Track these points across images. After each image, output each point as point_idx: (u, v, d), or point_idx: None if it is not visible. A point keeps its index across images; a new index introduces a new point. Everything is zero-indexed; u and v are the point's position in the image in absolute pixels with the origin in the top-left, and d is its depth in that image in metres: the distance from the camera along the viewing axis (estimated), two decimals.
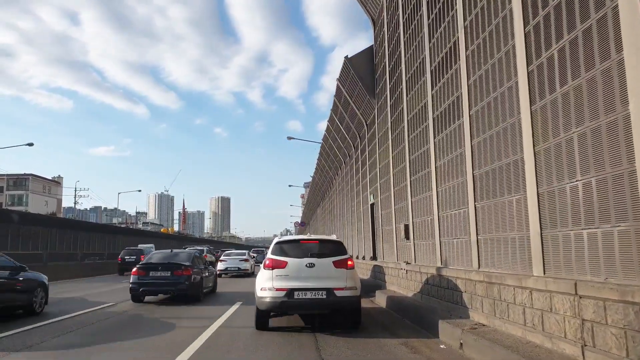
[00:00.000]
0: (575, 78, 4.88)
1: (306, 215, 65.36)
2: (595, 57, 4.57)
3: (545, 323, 5.28)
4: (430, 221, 10.02)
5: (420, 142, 10.82)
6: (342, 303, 7.80)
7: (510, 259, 6.47)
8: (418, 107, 10.93)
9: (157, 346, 6.96)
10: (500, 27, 6.67)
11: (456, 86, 8.41)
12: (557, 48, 5.21)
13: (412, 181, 11.54)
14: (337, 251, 8.26)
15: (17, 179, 76.81)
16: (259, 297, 7.92)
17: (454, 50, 8.46)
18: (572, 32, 4.94)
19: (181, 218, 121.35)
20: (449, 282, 8.38)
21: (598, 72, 4.52)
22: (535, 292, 5.50)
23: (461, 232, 8.25)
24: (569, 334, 4.81)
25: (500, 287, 6.40)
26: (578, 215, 4.89)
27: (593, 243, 4.67)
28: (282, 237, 9.06)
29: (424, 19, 10.29)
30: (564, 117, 5.10)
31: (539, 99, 5.61)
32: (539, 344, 5.33)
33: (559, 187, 5.24)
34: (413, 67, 11.37)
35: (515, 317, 6.00)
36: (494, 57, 6.88)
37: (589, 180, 4.71)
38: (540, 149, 5.60)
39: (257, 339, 7.45)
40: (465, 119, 7.94)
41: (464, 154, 8.04)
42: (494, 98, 6.91)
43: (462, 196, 8.16)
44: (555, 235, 5.32)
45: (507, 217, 6.54)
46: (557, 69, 5.23)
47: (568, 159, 5.05)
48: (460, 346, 6.37)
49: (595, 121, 4.59)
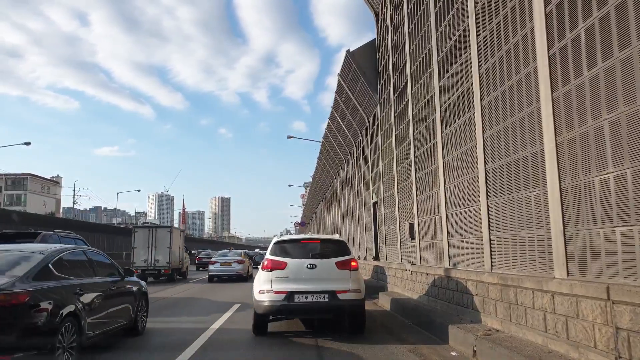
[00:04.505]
0: (607, 59, 4.40)
1: (306, 215, 64.91)
2: (632, 33, 4.08)
3: (571, 330, 4.80)
4: (437, 220, 9.54)
5: (426, 137, 10.34)
6: (346, 307, 7.32)
7: (527, 259, 5.99)
8: (424, 101, 10.45)
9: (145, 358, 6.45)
10: (516, 9, 6.18)
11: (466, 76, 7.93)
12: (585, 27, 4.72)
13: (418, 178, 11.07)
14: (340, 251, 7.78)
15: (16, 179, 76.39)
16: (257, 300, 7.44)
17: (464, 38, 7.98)
18: (602, 8, 4.46)
19: (181, 218, 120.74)
20: (458, 284, 7.90)
21: (636, 50, 4.03)
22: (559, 296, 5.01)
23: (472, 231, 7.77)
24: (600, 343, 4.33)
25: (517, 290, 5.92)
26: (609, 212, 4.41)
27: (628, 242, 4.19)
28: (281, 237, 8.59)
29: (430, 7, 9.81)
30: (593, 104, 4.62)
31: (562, 85, 5.13)
32: (563, 354, 4.85)
33: (585, 181, 4.76)
34: (419, 58, 10.89)
35: (534, 323, 5.52)
36: (509, 43, 6.40)
37: (623, 172, 4.22)
38: (564, 140, 5.11)
39: (255, 345, 6.97)
40: (476, 111, 7.46)
41: (474, 148, 7.56)
42: (508, 87, 6.43)
43: (473, 193, 7.68)
44: (581, 234, 4.84)
45: (524, 214, 6.06)
46: (584, 51, 4.75)
47: (597, 149, 4.57)
48: (473, 354, 5.90)
49: (631, 105, 4.11)
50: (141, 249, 21.86)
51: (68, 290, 5.57)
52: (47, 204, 78.55)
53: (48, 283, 5.31)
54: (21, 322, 4.73)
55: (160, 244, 21.99)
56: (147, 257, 21.69)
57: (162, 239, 22.12)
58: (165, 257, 21.75)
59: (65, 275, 5.74)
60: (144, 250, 21.83)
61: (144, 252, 21.77)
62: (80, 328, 5.54)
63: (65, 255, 6.06)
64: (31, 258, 5.50)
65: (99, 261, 6.99)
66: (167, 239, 22.14)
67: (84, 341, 5.64)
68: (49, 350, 4.89)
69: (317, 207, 48.61)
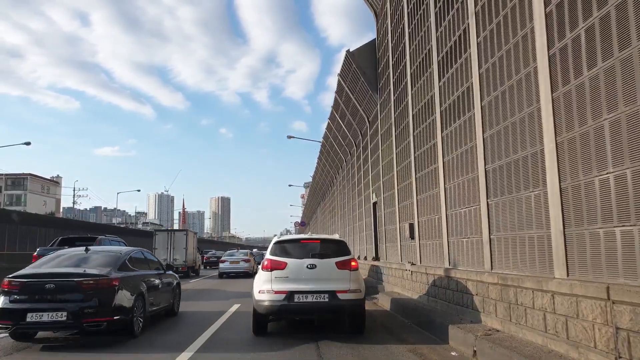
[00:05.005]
0: (607, 59, 4.40)
1: (306, 215, 64.88)
2: (632, 33, 4.08)
3: (571, 330, 4.79)
4: (437, 220, 9.54)
5: (426, 137, 10.34)
6: (346, 307, 7.31)
7: (527, 259, 5.98)
8: (424, 101, 10.45)
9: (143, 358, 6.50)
10: (516, 9, 6.18)
11: (466, 76, 7.93)
12: (585, 27, 4.72)
13: (418, 178, 11.07)
14: (340, 251, 7.78)
15: (16, 179, 76.37)
16: (256, 300, 7.43)
17: (464, 38, 7.98)
18: (602, 8, 4.46)
19: (181, 218, 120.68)
20: (457, 284, 7.90)
21: (636, 50, 4.03)
22: (558, 296, 5.01)
23: (472, 231, 7.77)
24: (600, 343, 4.33)
25: (517, 290, 5.92)
26: (609, 212, 4.41)
27: (628, 242, 4.19)
28: (281, 237, 8.59)
29: (430, 7, 9.81)
30: (593, 103, 4.62)
31: (562, 85, 5.13)
32: (563, 354, 4.84)
33: (585, 181, 4.76)
34: (419, 58, 10.89)
35: (534, 323, 5.51)
36: (509, 43, 6.40)
37: (623, 172, 4.22)
38: (564, 140, 5.11)
39: (255, 345, 6.97)
40: (476, 111, 7.46)
41: (474, 148, 7.56)
42: (508, 87, 6.43)
43: (473, 193, 7.68)
44: (581, 234, 4.84)
45: (524, 214, 6.06)
46: (584, 51, 4.75)
47: (597, 149, 4.57)
48: (473, 354, 5.90)
49: (631, 105, 4.11)
50: (161, 250, 24.78)
51: (137, 278, 8.00)
52: (47, 204, 78.53)
53: (127, 273, 7.73)
54: (115, 297, 7.04)
55: (177, 245, 25.37)
56: (166, 256, 24.25)
57: (179, 241, 25.58)
58: (182, 257, 24.98)
59: (134, 268, 8.15)
60: (163, 250, 24.82)
61: (163, 252, 24.55)
62: (145, 305, 7.99)
63: (132, 254, 8.54)
64: (116, 256, 8.01)
65: (150, 259, 9.43)
66: (184, 240, 25.59)
67: (146, 315, 8.06)
68: (129, 317, 7.26)
69: (317, 207, 48.59)
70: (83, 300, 6.77)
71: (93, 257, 7.85)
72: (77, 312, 6.67)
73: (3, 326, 6.73)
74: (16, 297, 6.81)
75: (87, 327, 6.77)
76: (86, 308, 6.72)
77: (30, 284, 6.92)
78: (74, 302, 6.75)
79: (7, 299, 6.82)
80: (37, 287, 6.85)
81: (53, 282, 6.88)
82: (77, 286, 6.86)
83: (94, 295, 6.84)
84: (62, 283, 6.88)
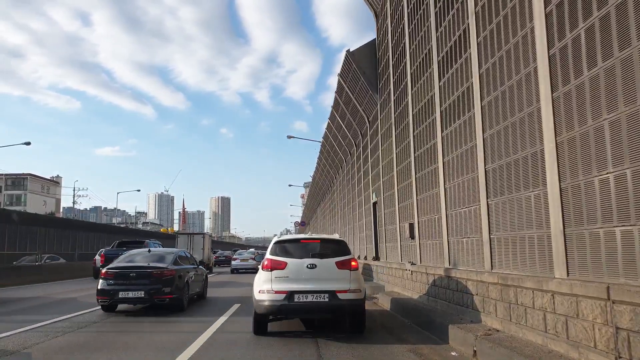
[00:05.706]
0: (607, 59, 4.40)
1: (306, 215, 64.86)
2: (632, 33, 4.08)
3: (571, 330, 4.80)
4: (437, 219, 9.54)
5: (426, 137, 10.34)
6: (346, 306, 7.31)
7: (527, 259, 5.98)
8: (424, 101, 10.45)
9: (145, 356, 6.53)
10: (516, 9, 6.18)
11: (466, 76, 7.93)
12: (585, 27, 4.72)
13: (418, 178, 11.07)
14: (340, 251, 7.78)
15: (16, 179, 76.36)
16: (257, 300, 7.43)
17: (464, 38, 7.98)
18: (602, 8, 4.46)
19: (181, 218, 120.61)
20: (458, 284, 7.90)
21: (636, 50, 4.03)
22: (559, 295, 5.02)
23: (472, 231, 7.77)
24: (600, 343, 4.33)
25: (517, 289, 5.92)
26: (609, 211, 4.41)
27: (628, 242, 4.19)
28: (281, 237, 8.59)
29: (430, 7, 9.81)
30: (593, 104, 4.62)
31: (562, 85, 5.13)
32: (563, 354, 4.85)
33: (585, 181, 4.76)
34: (419, 58, 10.89)
35: (534, 323, 5.52)
36: (509, 43, 6.40)
37: (623, 172, 4.22)
38: (564, 140, 5.11)
39: (255, 345, 6.97)
40: (476, 111, 7.46)
41: (474, 148, 7.56)
42: (508, 87, 6.43)
43: (473, 193, 7.67)
44: (581, 234, 4.84)
45: (524, 214, 6.06)
46: (584, 51, 4.75)
47: (597, 149, 4.57)
48: (473, 354, 5.90)
49: (631, 105, 4.11)
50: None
51: (184, 270, 11.33)
52: (47, 203, 78.52)
53: (179, 266, 11.13)
54: (173, 283, 10.41)
55: (196, 246, 29.65)
56: None
57: (197, 242, 30.21)
58: (199, 256, 27.66)
59: (181, 263, 11.55)
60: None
61: None
62: (189, 289, 11.41)
63: (179, 253, 12.14)
64: (171, 255, 11.56)
65: (189, 257, 12.89)
66: (201, 242, 30.29)
67: (189, 297, 11.37)
68: (181, 296, 10.65)
69: (317, 207, 48.57)
70: (154, 284, 10.13)
71: (155, 255, 11.42)
72: (150, 291, 10.07)
73: (102, 300, 10.19)
74: (111, 282, 10.24)
75: (157, 301, 10.17)
76: (156, 289, 10.10)
77: (120, 272, 10.33)
78: (148, 285, 10.11)
79: (105, 282, 10.27)
80: (125, 275, 10.26)
81: (134, 271, 10.35)
82: (150, 274, 10.25)
83: (160, 281, 10.20)
84: (140, 272, 10.31)
